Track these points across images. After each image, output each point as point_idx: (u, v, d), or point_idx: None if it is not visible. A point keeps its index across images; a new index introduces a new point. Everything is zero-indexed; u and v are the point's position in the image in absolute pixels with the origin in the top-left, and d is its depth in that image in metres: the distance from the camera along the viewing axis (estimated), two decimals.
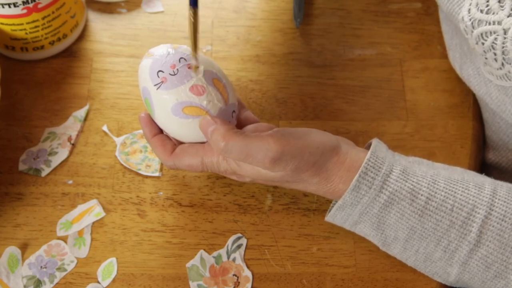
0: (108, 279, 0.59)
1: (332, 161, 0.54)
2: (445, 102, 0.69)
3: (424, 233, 0.53)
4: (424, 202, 0.53)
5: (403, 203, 0.53)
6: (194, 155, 0.55)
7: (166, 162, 0.57)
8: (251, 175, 0.55)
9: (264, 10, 0.75)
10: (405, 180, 0.53)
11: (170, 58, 0.56)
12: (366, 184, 0.53)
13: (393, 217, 0.53)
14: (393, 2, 0.75)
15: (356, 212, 0.54)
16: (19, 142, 0.66)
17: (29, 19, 0.65)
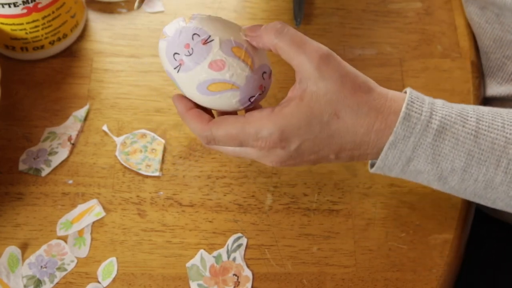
0: (108, 278, 0.59)
1: (376, 92, 0.51)
2: None
3: (483, 155, 0.51)
4: (476, 123, 0.51)
5: (456, 126, 0.51)
6: (235, 122, 0.52)
7: (203, 132, 0.53)
8: (302, 123, 0.51)
9: (264, 10, 0.75)
10: (451, 107, 0.52)
11: (183, 37, 0.53)
12: (416, 111, 0.50)
13: (449, 144, 0.51)
14: (393, 2, 0.75)
15: (410, 146, 0.51)
16: (19, 142, 0.66)
17: (29, 19, 0.65)
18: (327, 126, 0.51)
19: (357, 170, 0.65)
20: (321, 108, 0.50)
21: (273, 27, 0.51)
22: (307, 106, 0.50)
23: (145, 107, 0.68)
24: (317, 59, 0.50)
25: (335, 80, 0.50)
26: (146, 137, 0.66)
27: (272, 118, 0.51)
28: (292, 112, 0.51)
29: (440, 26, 0.73)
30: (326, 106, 0.50)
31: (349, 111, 0.51)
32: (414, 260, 0.60)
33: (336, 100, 0.50)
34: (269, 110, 0.52)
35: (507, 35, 0.66)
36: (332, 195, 0.63)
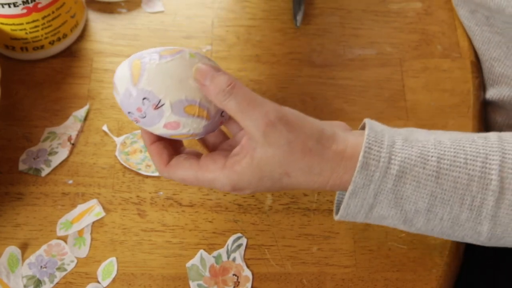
0: (108, 279, 0.59)
1: (332, 150, 0.51)
2: (445, 102, 0.69)
3: (445, 195, 0.50)
4: (436, 163, 0.50)
5: (416, 169, 0.50)
6: (188, 169, 0.53)
7: (161, 172, 0.55)
8: (253, 181, 0.52)
9: (264, 10, 0.75)
10: (411, 147, 0.51)
11: (134, 101, 0.51)
12: (374, 158, 0.50)
13: (410, 188, 0.50)
14: (393, 2, 0.75)
15: (371, 193, 0.51)
16: (19, 142, 0.66)
17: (29, 19, 0.65)
18: (279, 181, 0.52)
19: None
20: (271, 169, 0.51)
21: (221, 87, 0.50)
22: (257, 166, 0.51)
23: None
24: (263, 126, 0.50)
25: (283, 146, 0.50)
26: None
27: (225, 172, 0.52)
28: (243, 170, 0.51)
29: (440, 26, 0.73)
30: (276, 167, 0.51)
31: (300, 173, 0.51)
32: (414, 260, 0.60)
33: (286, 163, 0.51)
34: (221, 164, 0.52)
35: (496, 36, 0.66)
36: (332, 195, 0.63)
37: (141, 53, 0.53)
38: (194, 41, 0.72)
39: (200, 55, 0.53)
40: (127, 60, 0.53)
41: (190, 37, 0.72)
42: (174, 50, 0.52)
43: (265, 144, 0.50)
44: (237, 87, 0.50)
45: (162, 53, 0.52)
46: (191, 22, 0.74)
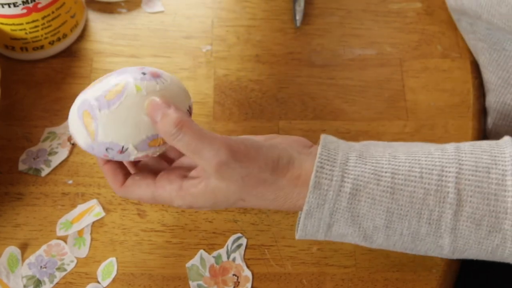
0: (108, 279, 0.59)
1: (286, 178, 0.51)
2: (445, 102, 0.69)
3: (402, 210, 0.50)
4: (391, 179, 0.50)
5: (370, 186, 0.50)
6: (145, 189, 0.54)
7: (118, 192, 0.55)
8: (207, 204, 0.53)
9: (264, 10, 0.75)
10: (364, 164, 0.50)
11: (98, 152, 0.52)
12: (326, 177, 0.50)
13: (365, 205, 0.50)
14: (393, 2, 0.75)
15: (326, 213, 0.50)
16: (19, 142, 0.66)
17: (29, 19, 0.65)
18: (234, 204, 0.53)
19: None
20: (226, 197, 0.52)
21: (169, 126, 0.50)
22: (211, 193, 0.52)
23: None
24: (215, 166, 0.50)
25: (237, 181, 0.50)
26: None
27: (181, 194, 0.52)
28: (198, 194, 0.52)
29: (440, 26, 0.73)
30: (231, 195, 0.51)
31: (254, 198, 0.52)
32: (414, 260, 0.60)
33: (240, 192, 0.51)
34: (178, 185, 0.52)
35: (479, 43, 0.67)
36: None
37: (85, 99, 0.51)
38: (194, 41, 0.72)
39: (147, 80, 0.51)
40: (76, 108, 0.52)
41: (190, 37, 0.72)
42: (118, 89, 0.51)
43: (218, 178, 0.50)
44: (186, 126, 0.49)
45: (108, 97, 0.50)
46: (191, 22, 0.74)
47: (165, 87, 0.52)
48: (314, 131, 0.67)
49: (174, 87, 0.53)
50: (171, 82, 0.53)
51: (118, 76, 0.52)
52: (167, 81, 0.52)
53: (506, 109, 0.67)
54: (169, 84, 0.52)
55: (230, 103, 0.68)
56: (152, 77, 0.52)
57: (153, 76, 0.52)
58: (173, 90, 0.52)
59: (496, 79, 0.62)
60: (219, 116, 0.68)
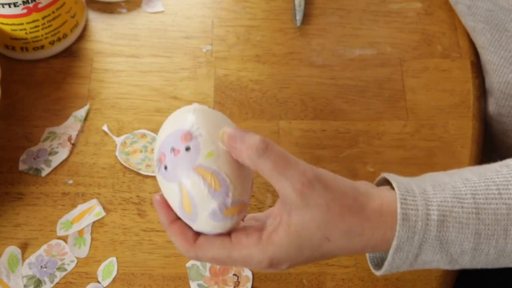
0: (108, 278, 0.59)
1: (370, 208, 0.48)
2: (445, 102, 0.69)
3: (489, 230, 0.48)
4: (472, 200, 0.48)
5: (455, 210, 0.48)
6: (220, 247, 0.49)
7: (187, 253, 0.50)
8: (291, 251, 0.48)
9: (264, 10, 0.75)
10: (443, 190, 0.49)
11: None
12: (412, 208, 0.48)
13: (453, 230, 0.48)
14: (393, 2, 0.75)
15: (416, 244, 0.48)
16: (19, 142, 0.66)
17: (29, 19, 0.65)
18: (319, 248, 0.49)
19: (357, 170, 0.65)
20: (310, 234, 0.48)
21: (254, 146, 0.47)
22: (295, 233, 0.48)
23: (145, 107, 0.68)
24: (300, 185, 0.47)
25: (321, 207, 0.47)
26: (146, 137, 0.66)
27: (261, 247, 0.48)
28: (281, 240, 0.48)
29: (440, 26, 0.73)
30: (315, 231, 0.48)
31: (340, 235, 0.48)
32: None
33: (325, 226, 0.48)
34: (256, 237, 0.49)
35: (479, 24, 0.67)
36: None
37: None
38: (194, 41, 0.72)
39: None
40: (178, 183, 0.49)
41: (190, 37, 0.72)
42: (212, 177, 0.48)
43: (302, 205, 0.47)
44: (271, 146, 0.47)
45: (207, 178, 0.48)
46: (191, 22, 0.74)
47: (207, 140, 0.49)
48: (314, 131, 0.67)
49: (217, 126, 0.50)
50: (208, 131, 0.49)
51: None
52: (203, 135, 0.49)
53: (510, 88, 0.67)
54: (206, 136, 0.49)
55: (230, 103, 0.68)
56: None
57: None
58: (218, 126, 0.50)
59: (499, 59, 0.62)
60: None
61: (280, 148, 0.48)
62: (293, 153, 0.64)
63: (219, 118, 0.51)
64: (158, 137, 0.51)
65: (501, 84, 0.67)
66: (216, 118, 0.50)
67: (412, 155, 0.66)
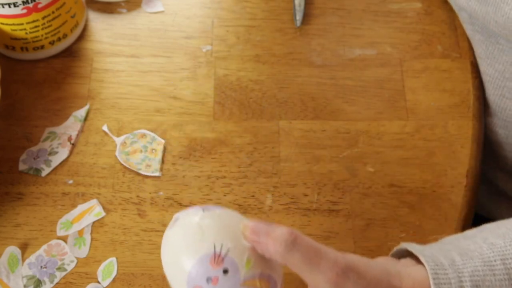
0: (108, 279, 0.59)
1: (403, 286, 0.47)
2: (445, 102, 0.69)
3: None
4: (503, 265, 0.47)
5: (488, 278, 0.47)
6: None
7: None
8: None
9: (264, 10, 0.75)
10: (471, 258, 0.48)
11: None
12: (444, 282, 0.47)
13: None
14: (393, 2, 0.75)
15: None
16: (19, 142, 0.66)
17: (29, 19, 0.65)
18: None
19: (357, 170, 0.65)
20: None
21: (282, 239, 0.45)
22: None
23: (145, 107, 0.68)
24: (334, 276, 0.45)
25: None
26: (146, 137, 0.66)
27: None
28: None
29: (440, 26, 0.73)
30: None
31: None
32: None
33: None
34: None
35: (476, 35, 0.67)
36: (332, 195, 0.63)
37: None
38: (194, 41, 0.72)
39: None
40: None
41: (190, 37, 0.72)
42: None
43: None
44: (300, 237, 0.45)
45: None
46: (191, 22, 0.74)
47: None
48: (314, 131, 0.67)
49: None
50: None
51: None
52: (230, 248, 0.46)
53: (504, 102, 0.67)
54: (233, 247, 0.47)
55: (230, 103, 0.68)
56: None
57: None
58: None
59: (493, 71, 0.62)
60: (219, 116, 0.68)
61: (308, 239, 0.46)
62: (293, 153, 0.65)
63: (224, 217, 0.48)
64: (175, 264, 0.47)
65: (496, 96, 0.67)
66: (223, 218, 0.48)
67: (412, 155, 0.66)
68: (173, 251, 0.48)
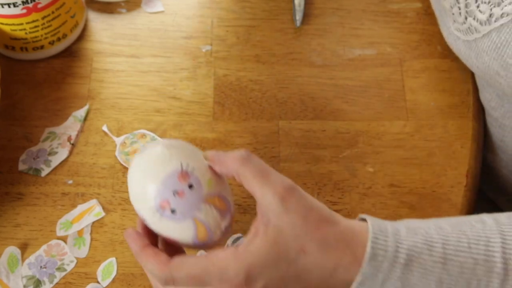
0: (108, 279, 0.59)
1: (343, 224, 0.49)
2: (445, 102, 0.69)
3: (452, 280, 0.49)
4: (442, 249, 0.49)
5: (423, 256, 0.49)
6: (197, 263, 0.49)
7: (161, 273, 0.50)
8: (269, 259, 0.48)
9: (264, 10, 0.75)
10: (415, 234, 0.50)
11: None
12: (381, 248, 0.48)
13: (417, 275, 0.49)
14: (393, 2, 0.75)
15: (378, 282, 0.49)
16: (19, 142, 0.66)
17: (29, 19, 0.65)
18: (294, 263, 0.48)
19: (357, 171, 0.65)
20: (287, 244, 0.48)
21: (238, 155, 0.51)
22: (272, 241, 0.48)
23: (145, 107, 0.68)
24: (281, 190, 0.49)
25: (300, 213, 0.48)
26: (146, 137, 0.66)
27: (237, 256, 0.48)
28: (258, 248, 0.48)
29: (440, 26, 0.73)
30: (292, 241, 0.48)
31: (316, 245, 0.48)
32: None
33: (302, 235, 0.48)
34: (232, 249, 0.49)
35: (457, 33, 0.67)
36: (332, 195, 0.63)
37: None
38: (194, 41, 0.72)
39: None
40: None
41: (190, 37, 0.72)
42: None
43: (282, 211, 0.48)
44: (254, 156, 0.51)
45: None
46: (191, 22, 0.74)
47: None
48: (314, 131, 0.67)
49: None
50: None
51: None
52: (195, 167, 0.52)
53: (486, 104, 0.67)
54: (197, 167, 0.52)
55: (230, 103, 0.68)
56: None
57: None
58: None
59: (478, 71, 0.62)
60: (219, 116, 0.68)
61: (261, 160, 0.51)
62: (293, 153, 0.65)
63: (185, 144, 0.54)
64: (142, 187, 0.51)
65: (485, 100, 0.67)
66: (185, 146, 0.53)
67: (412, 155, 0.66)
68: (141, 175, 0.52)
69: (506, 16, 0.53)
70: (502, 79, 0.56)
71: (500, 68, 0.55)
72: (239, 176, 0.51)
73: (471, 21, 0.56)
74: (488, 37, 0.55)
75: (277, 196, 0.49)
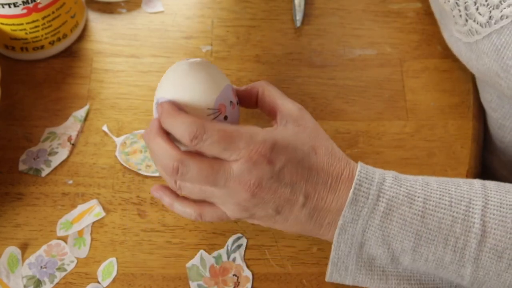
0: (108, 279, 0.59)
1: (340, 152, 0.55)
2: (445, 102, 0.69)
3: (430, 235, 0.52)
4: (422, 203, 0.52)
5: (402, 207, 0.52)
6: (230, 126, 0.53)
7: (193, 125, 0.51)
8: (290, 144, 0.53)
9: (264, 10, 0.75)
10: (399, 186, 0.53)
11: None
12: (363, 195, 0.52)
13: (396, 225, 0.52)
14: (393, 2, 0.75)
15: (359, 229, 0.52)
16: (19, 142, 0.66)
17: (29, 19, 0.65)
18: (308, 157, 0.53)
19: None
20: (303, 139, 0.54)
21: (262, 82, 0.58)
22: (292, 132, 0.54)
23: (145, 107, 0.68)
24: (298, 105, 0.56)
25: (313, 123, 0.55)
26: None
27: (265, 130, 0.53)
28: (282, 132, 0.54)
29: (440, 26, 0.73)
30: (307, 138, 0.54)
31: (325, 150, 0.54)
32: None
33: (315, 136, 0.55)
34: (259, 128, 0.54)
35: (458, 34, 0.67)
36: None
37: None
38: (194, 41, 0.72)
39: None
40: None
41: (190, 37, 0.72)
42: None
43: (299, 117, 0.55)
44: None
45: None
46: (191, 22, 0.74)
47: None
48: None
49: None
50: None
51: None
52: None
53: (487, 105, 0.67)
54: None
55: None
56: None
57: None
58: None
59: (478, 73, 0.62)
60: None
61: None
62: None
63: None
64: (200, 89, 0.54)
65: (484, 100, 0.67)
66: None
67: (412, 155, 0.66)
68: (203, 76, 0.55)
69: (505, 18, 0.53)
70: (502, 80, 0.57)
71: (500, 69, 0.56)
72: (263, 90, 0.57)
73: (472, 23, 0.56)
74: (489, 39, 0.55)
75: (296, 106, 0.56)
